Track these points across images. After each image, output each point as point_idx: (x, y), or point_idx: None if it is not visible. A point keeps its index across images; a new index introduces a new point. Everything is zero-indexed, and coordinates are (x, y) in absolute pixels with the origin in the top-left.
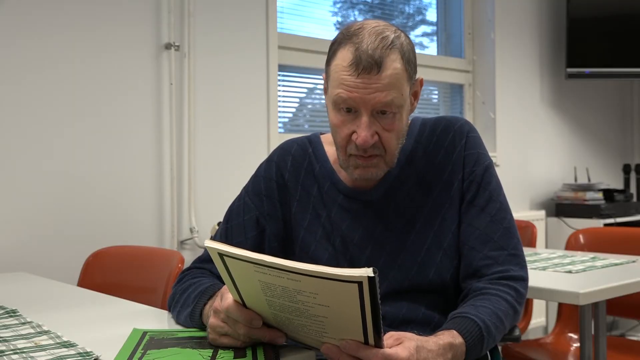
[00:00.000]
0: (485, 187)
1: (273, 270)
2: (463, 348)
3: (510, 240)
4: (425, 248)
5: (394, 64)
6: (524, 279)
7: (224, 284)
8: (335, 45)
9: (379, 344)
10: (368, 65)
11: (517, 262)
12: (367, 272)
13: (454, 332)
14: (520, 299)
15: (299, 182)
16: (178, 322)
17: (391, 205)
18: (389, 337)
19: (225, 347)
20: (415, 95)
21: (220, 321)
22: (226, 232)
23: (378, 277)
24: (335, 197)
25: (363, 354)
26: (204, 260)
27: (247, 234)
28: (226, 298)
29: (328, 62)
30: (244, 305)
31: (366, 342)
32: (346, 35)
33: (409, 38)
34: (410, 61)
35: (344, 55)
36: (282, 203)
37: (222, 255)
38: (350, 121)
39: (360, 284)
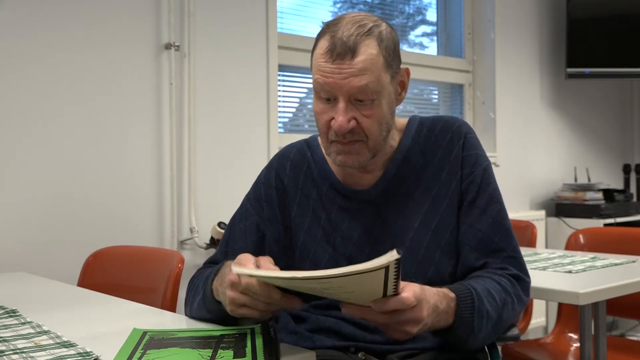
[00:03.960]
0: (485, 189)
1: (303, 280)
2: (453, 304)
3: (510, 242)
4: (424, 246)
5: (368, 50)
6: (521, 279)
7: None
8: (317, 37)
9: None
10: (342, 51)
11: (516, 264)
12: (393, 255)
13: (446, 288)
14: (515, 290)
15: (299, 186)
16: (193, 316)
17: (389, 203)
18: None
19: (248, 320)
20: (402, 86)
21: (239, 293)
22: (228, 238)
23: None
24: (334, 198)
25: (387, 307)
26: (213, 262)
27: (247, 239)
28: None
29: (312, 54)
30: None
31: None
32: (327, 26)
33: (391, 28)
34: (388, 48)
35: (322, 44)
36: (282, 208)
37: (253, 277)
38: (330, 108)
39: (387, 268)
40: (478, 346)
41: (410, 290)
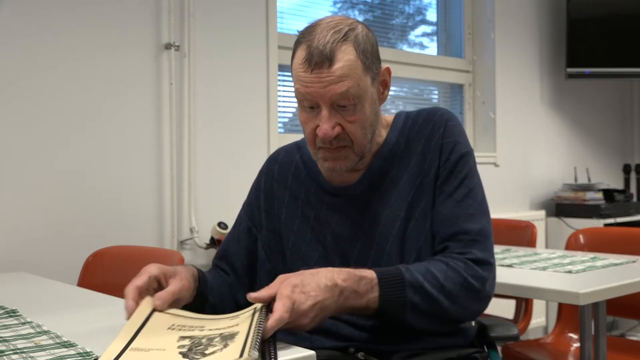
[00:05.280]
0: (457, 175)
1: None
2: (365, 282)
3: (474, 225)
4: (408, 235)
5: (346, 56)
6: (482, 262)
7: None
8: (294, 45)
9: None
10: (320, 60)
11: (478, 247)
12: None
13: (368, 269)
14: (471, 271)
15: (287, 188)
16: None
17: (376, 195)
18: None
19: None
20: (384, 85)
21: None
22: (225, 243)
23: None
24: (322, 197)
25: (270, 332)
26: (221, 257)
27: (240, 244)
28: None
29: (291, 63)
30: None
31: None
32: (302, 34)
33: (367, 29)
34: (366, 51)
35: (299, 54)
36: (269, 213)
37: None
38: (314, 117)
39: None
40: (427, 326)
41: (280, 309)
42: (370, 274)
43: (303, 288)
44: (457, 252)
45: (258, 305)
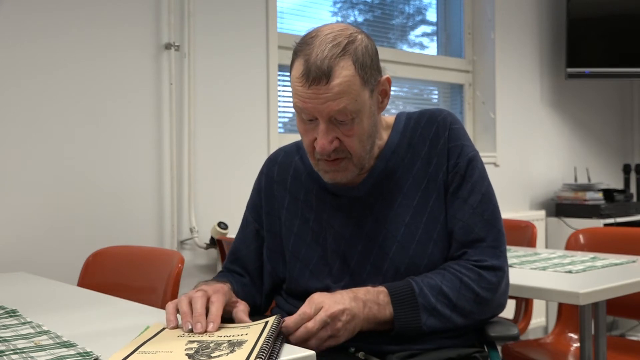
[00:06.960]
0: (468, 180)
1: None
2: (383, 296)
3: (490, 231)
4: (416, 240)
5: (343, 72)
6: (497, 269)
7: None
8: (293, 56)
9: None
10: (317, 76)
11: (494, 254)
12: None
13: (380, 286)
14: (484, 284)
15: (287, 190)
16: None
17: (379, 198)
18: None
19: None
20: (384, 94)
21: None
22: (235, 247)
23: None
24: (324, 198)
25: (292, 328)
26: (232, 261)
27: (249, 247)
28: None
29: (289, 72)
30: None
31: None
32: (300, 45)
33: (368, 39)
34: (364, 65)
35: (297, 67)
36: (269, 214)
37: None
38: (312, 129)
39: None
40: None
41: (304, 307)
42: (384, 289)
43: (330, 298)
44: (473, 260)
45: (271, 318)
